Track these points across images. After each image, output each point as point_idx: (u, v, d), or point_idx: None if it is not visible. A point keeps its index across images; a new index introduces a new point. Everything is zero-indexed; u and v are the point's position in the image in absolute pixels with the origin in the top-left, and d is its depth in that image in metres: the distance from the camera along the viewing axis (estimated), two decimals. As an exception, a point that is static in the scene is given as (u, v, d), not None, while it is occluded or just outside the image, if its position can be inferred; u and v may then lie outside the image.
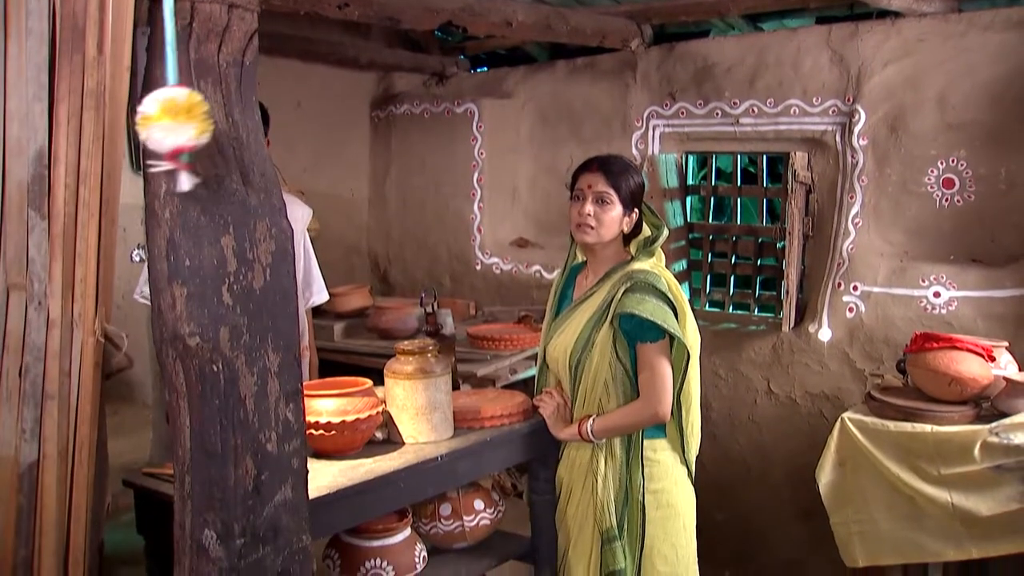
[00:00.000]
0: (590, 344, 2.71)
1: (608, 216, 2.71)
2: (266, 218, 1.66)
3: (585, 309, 2.77)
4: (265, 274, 1.65)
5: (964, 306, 3.80)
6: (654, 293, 2.65)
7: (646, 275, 2.69)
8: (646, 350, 2.66)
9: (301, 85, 5.34)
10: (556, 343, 2.83)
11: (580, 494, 2.79)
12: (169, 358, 1.58)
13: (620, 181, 2.72)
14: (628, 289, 2.64)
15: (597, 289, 2.77)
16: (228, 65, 1.64)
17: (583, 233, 2.73)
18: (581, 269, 2.94)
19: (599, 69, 5.05)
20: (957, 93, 3.85)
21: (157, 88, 1.59)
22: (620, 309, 2.63)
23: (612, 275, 2.75)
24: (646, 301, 2.62)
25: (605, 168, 2.74)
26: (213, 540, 1.54)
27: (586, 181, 2.74)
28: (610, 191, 2.71)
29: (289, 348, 1.70)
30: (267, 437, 1.59)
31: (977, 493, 3.02)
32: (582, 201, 2.73)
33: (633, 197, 2.76)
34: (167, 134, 1.42)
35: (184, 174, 1.47)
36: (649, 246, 2.79)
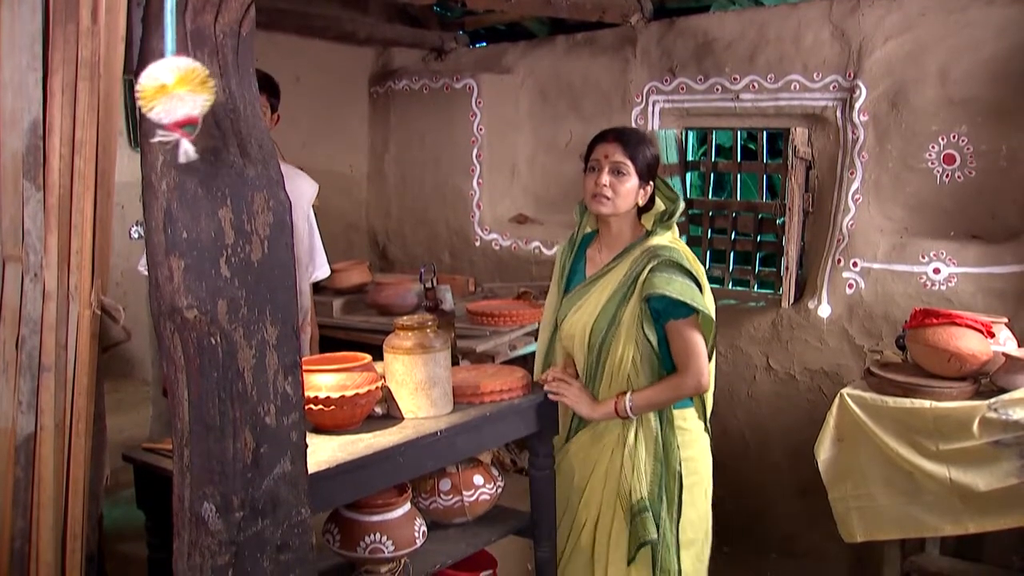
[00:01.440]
0: (616, 322, 2.70)
1: (624, 187, 2.69)
2: (264, 190, 1.64)
3: (604, 285, 2.75)
4: (263, 246, 1.64)
5: (964, 282, 3.79)
6: (680, 271, 2.64)
7: (669, 252, 2.67)
8: (679, 326, 2.66)
9: (299, 60, 5.30)
10: (572, 320, 2.80)
11: (607, 467, 2.79)
12: (167, 331, 1.57)
13: (637, 152, 2.70)
14: (654, 268, 2.63)
15: (615, 265, 2.75)
16: (224, 36, 1.62)
17: (599, 203, 2.70)
18: (591, 242, 2.90)
19: (599, 44, 5.02)
20: (959, 68, 3.82)
21: (153, 59, 1.57)
22: (650, 289, 2.62)
23: (631, 251, 2.74)
24: (674, 280, 2.62)
25: (622, 139, 2.71)
26: (212, 513, 1.53)
27: (602, 151, 2.71)
28: (627, 161, 2.68)
29: (287, 321, 1.69)
30: (266, 410, 1.58)
31: (975, 468, 3.03)
32: (598, 171, 2.70)
33: (649, 169, 2.73)
34: (170, 105, 1.40)
35: (187, 145, 1.45)
36: (666, 220, 2.76)
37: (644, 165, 2.71)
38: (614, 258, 2.76)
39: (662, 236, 2.74)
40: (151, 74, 1.41)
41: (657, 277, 2.62)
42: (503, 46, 5.52)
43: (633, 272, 2.68)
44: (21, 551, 1.89)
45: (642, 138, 2.76)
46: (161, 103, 1.40)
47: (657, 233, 2.74)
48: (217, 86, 1.58)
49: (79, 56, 1.80)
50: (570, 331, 2.81)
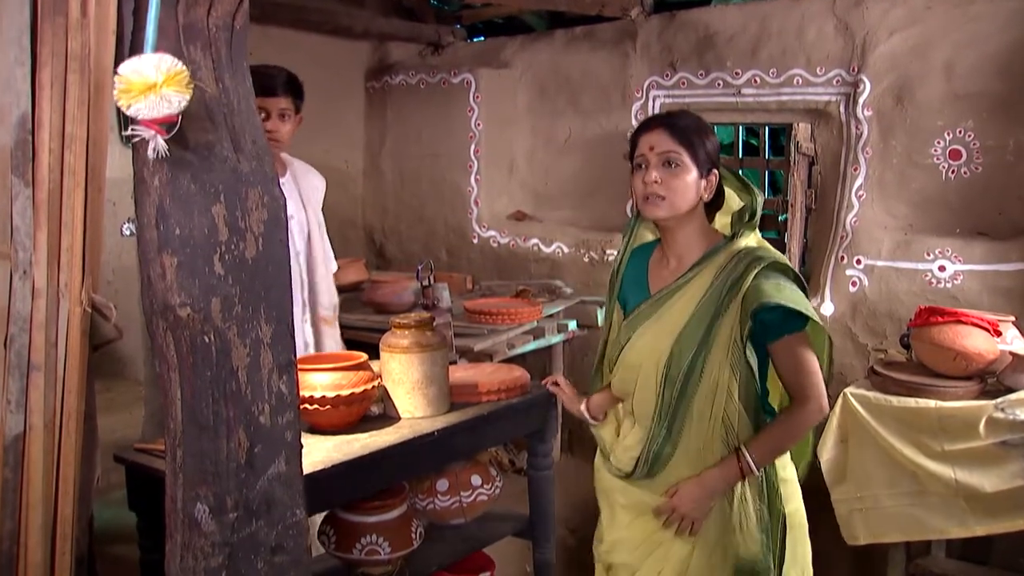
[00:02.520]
0: (708, 344, 2.20)
1: (681, 181, 2.21)
2: (258, 186, 1.64)
3: (681, 303, 2.26)
4: (258, 243, 1.63)
5: (970, 280, 3.78)
6: (789, 275, 2.21)
7: (771, 253, 2.23)
8: (792, 343, 2.20)
9: (293, 55, 5.26)
10: (638, 347, 2.32)
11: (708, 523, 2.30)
12: (159, 329, 1.56)
13: (691, 137, 2.23)
14: (760, 273, 2.16)
15: (693, 276, 2.26)
16: (218, 29, 1.61)
17: (652, 207, 2.22)
18: (650, 252, 2.43)
19: (598, 38, 5.02)
20: (965, 62, 3.82)
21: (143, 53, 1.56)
22: (760, 299, 2.12)
23: (713, 258, 2.26)
24: (784, 287, 2.16)
25: (670, 124, 2.25)
26: (205, 514, 1.52)
27: (647, 143, 2.24)
28: (679, 149, 2.21)
29: (282, 319, 1.68)
30: (260, 409, 1.57)
31: (981, 469, 3.01)
32: (646, 168, 2.23)
33: (709, 157, 2.26)
34: (151, 103, 1.40)
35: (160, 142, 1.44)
36: (750, 219, 2.29)
37: (703, 152, 2.24)
38: (692, 266, 2.27)
39: (748, 238, 2.28)
40: (135, 68, 1.40)
41: (767, 284, 2.14)
42: (501, 40, 5.52)
43: (727, 280, 2.20)
44: (10, 553, 1.88)
45: (695, 121, 2.30)
46: (143, 100, 1.39)
47: (743, 235, 2.27)
48: (210, 80, 1.57)
49: (68, 49, 1.80)
50: (634, 361, 2.33)
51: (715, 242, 2.29)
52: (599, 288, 4.74)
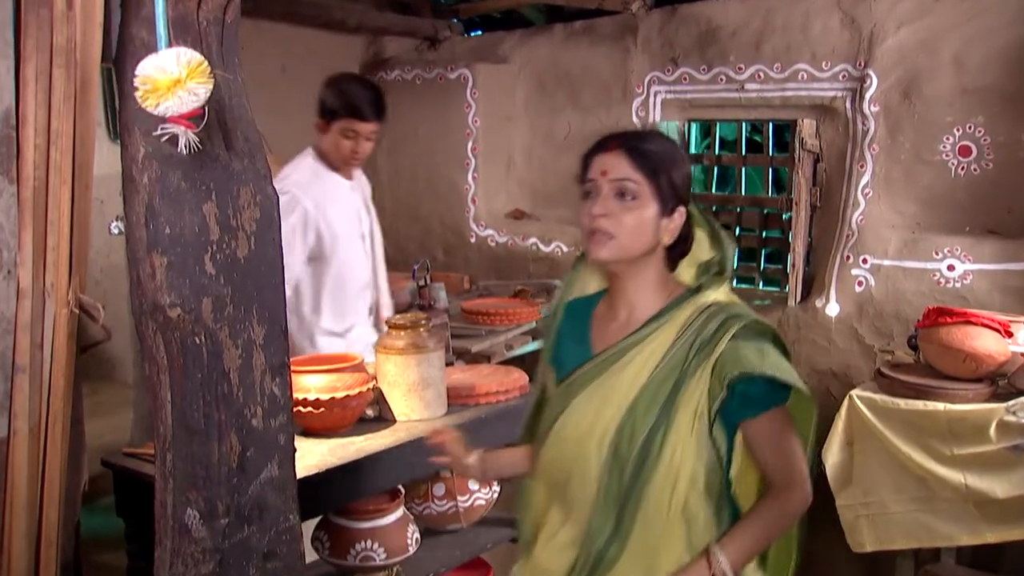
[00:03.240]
0: (667, 420, 1.81)
1: (635, 217, 1.84)
2: (250, 184, 1.63)
3: (634, 366, 1.87)
4: (250, 242, 1.63)
5: (980, 279, 3.78)
6: (770, 337, 1.86)
7: (748, 312, 1.88)
8: (775, 419, 1.84)
9: (286, 49, 5.29)
10: (577, 419, 1.89)
11: None
12: (149, 330, 1.56)
13: (655, 164, 1.86)
14: (739, 334, 1.81)
15: (651, 333, 1.88)
16: (208, 23, 1.61)
17: (597, 245, 1.85)
18: (594, 305, 2.03)
19: (598, 33, 5.01)
20: (975, 56, 3.81)
21: (132, 46, 1.56)
22: (741, 366, 1.77)
23: (675, 312, 1.89)
24: (768, 352, 1.81)
25: (630, 146, 1.86)
26: (196, 520, 1.52)
27: (600, 165, 1.86)
28: (638, 178, 1.84)
29: (275, 320, 1.68)
30: (252, 412, 1.57)
31: (992, 474, 3.01)
32: (595, 197, 1.86)
33: (676, 190, 1.88)
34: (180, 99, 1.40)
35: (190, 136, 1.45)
36: (719, 272, 1.93)
37: (667, 183, 1.86)
38: (649, 321, 1.89)
39: (717, 292, 1.92)
40: (157, 66, 1.40)
41: (747, 348, 1.79)
42: (499, 35, 5.51)
43: (694, 340, 1.84)
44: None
45: (665, 145, 1.93)
46: (172, 97, 1.39)
47: (710, 288, 1.92)
48: (201, 75, 1.57)
49: (53, 43, 1.79)
50: (571, 437, 1.90)
51: (676, 292, 1.93)
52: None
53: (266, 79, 4.98)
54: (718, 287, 1.92)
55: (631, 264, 1.89)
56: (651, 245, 1.88)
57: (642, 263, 1.90)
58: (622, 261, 1.88)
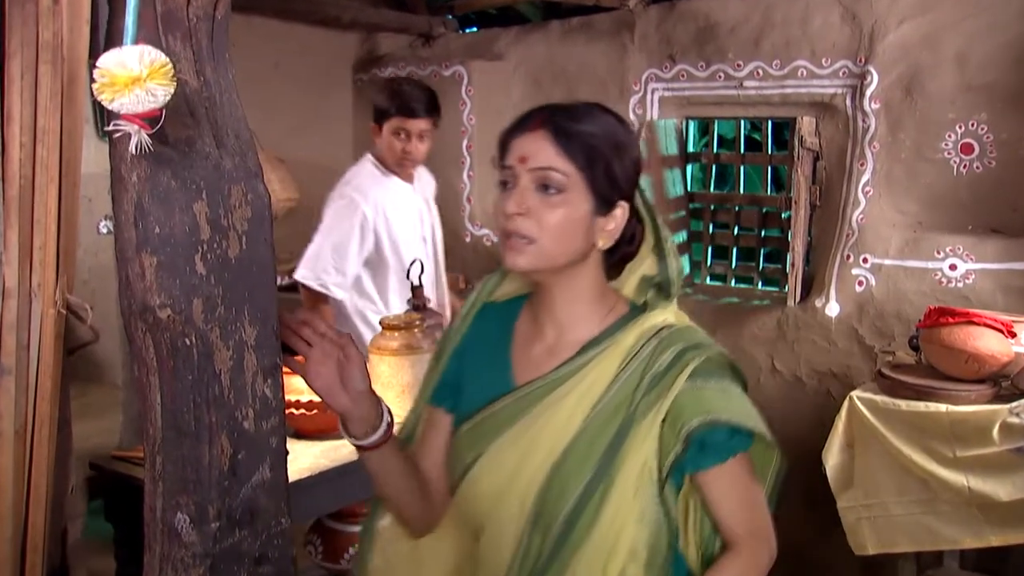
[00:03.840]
0: (608, 476, 1.51)
1: (561, 216, 1.51)
2: (242, 183, 1.63)
3: (568, 405, 1.55)
4: (241, 242, 1.62)
5: (982, 279, 3.78)
6: (731, 372, 1.62)
7: (700, 337, 1.62)
8: (737, 468, 1.56)
9: (279, 45, 5.28)
10: (493, 471, 1.58)
11: None
12: (138, 331, 1.55)
13: (590, 147, 1.52)
14: (698, 372, 1.53)
15: (587, 363, 1.57)
16: (198, 19, 1.60)
17: (512, 251, 1.53)
18: (516, 314, 1.70)
19: (595, 29, 5.00)
20: (978, 52, 3.81)
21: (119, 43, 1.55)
22: (705, 412, 1.50)
23: (618, 336, 1.59)
24: (732, 393, 1.57)
25: (557, 125, 1.53)
26: (186, 524, 1.51)
27: (519, 150, 1.54)
28: (566, 167, 1.51)
29: (267, 321, 1.67)
30: (244, 414, 1.56)
31: (996, 477, 3.00)
32: (512, 189, 1.54)
33: (616, 180, 1.55)
34: (135, 97, 1.39)
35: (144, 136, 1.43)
36: (667, 290, 1.63)
37: (604, 173, 1.53)
38: (586, 347, 1.58)
39: (665, 311, 1.63)
40: (118, 61, 1.39)
41: (709, 389, 1.53)
42: (494, 31, 5.51)
43: (642, 374, 1.54)
44: (-20, 566, 1.87)
45: (603, 123, 1.57)
46: (128, 94, 1.38)
47: (658, 306, 1.62)
48: (190, 72, 1.56)
49: (39, 39, 1.78)
50: (486, 492, 1.59)
51: (618, 312, 1.62)
52: (596, 288, 4.74)
53: (259, 76, 4.98)
54: (665, 305, 1.62)
55: (558, 274, 1.57)
56: (583, 250, 1.55)
57: (573, 272, 1.57)
58: (546, 270, 1.55)
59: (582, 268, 1.58)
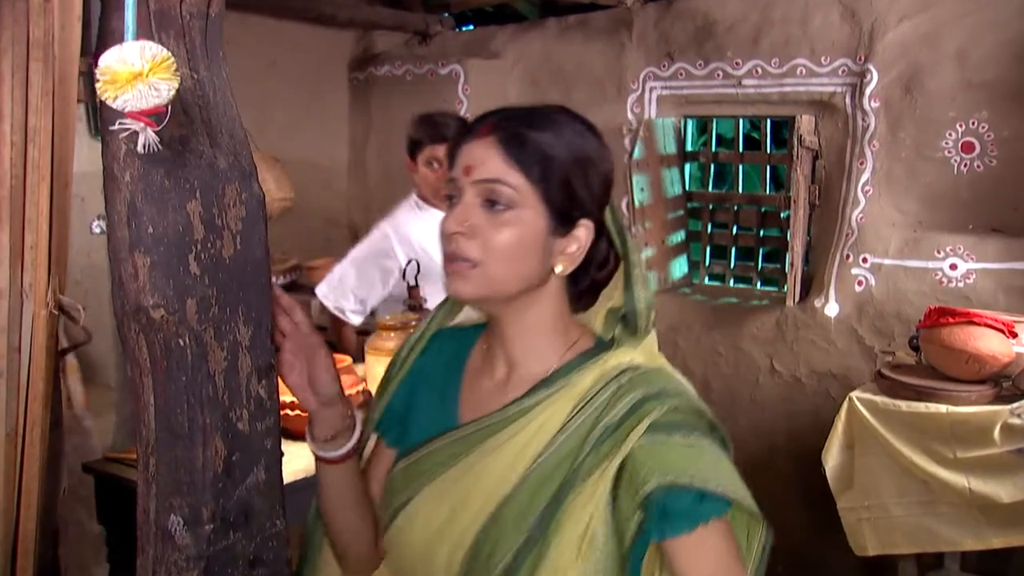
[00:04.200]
0: (545, 538, 1.31)
1: (510, 236, 1.33)
2: (236, 182, 1.62)
3: (510, 451, 1.37)
4: (235, 242, 1.61)
5: (983, 279, 3.78)
6: (703, 425, 1.35)
7: (668, 382, 1.38)
8: (708, 537, 1.29)
9: (274, 44, 5.28)
10: (422, 521, 1.42)
11: None
12: (131, 332, 1.54)
13: (543, 158, 1.33)
14: (660, 424, 1.29)
15: (538, 404, 1.37)
16: (192, 17, 1.59)
17: (455, 277, 1.35)
18: (472, 343, 1.55)
19: (592, 27, 5.00)
20: (980, 49, 3.81)
21: (113, 40, 1.54)
22: (660, 478, 1.26)
23: (575, 376, 1.38)
24: (702, 449, 1.30)
25: (507, 131, 1.35)
26: (180, 526, 1.51)
27: (466, 159, 1.36)
28: (515, 178, 1.32)
29: (261, 321, 1.67)
30: (238, 415, 1.55)
31: (997, 478, 3.01)
32: (456, 203, 1.36)
33: (573, 197, 1.36)
34: (136, 94, 1.38)
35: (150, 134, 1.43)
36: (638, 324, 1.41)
37: (560, 186, 1.34)
38: (537, 386, 1.39)
39: (633, 349, 1.41)
40: (118, 58, 1.39)
41: (670, 445, 1.29)
42: (491, 29, 5.51)
43: (594, 422, 1.33)
44: (-29, 570, 1.87)
45: (559, 127, 1.37)
46: (130, 90, 1.38)
47: (625, 344, 1.41)
48: (184, 71, 1.56)
49: (30, 36, 1.78)
50: (413, 542, 1.43)
51: (580, 348, 1.43)
52: (594, 288, 4.74)
53: (254, 74, 4.98)
54: (635, 342, 1.41)
55: (510, 303, 1.38)
56: (538, 276, 1.37)
57: (528, 301, 1.39)
58: (494, 299, 1.37)
59: (538, 296, 1.39)
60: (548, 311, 1.42)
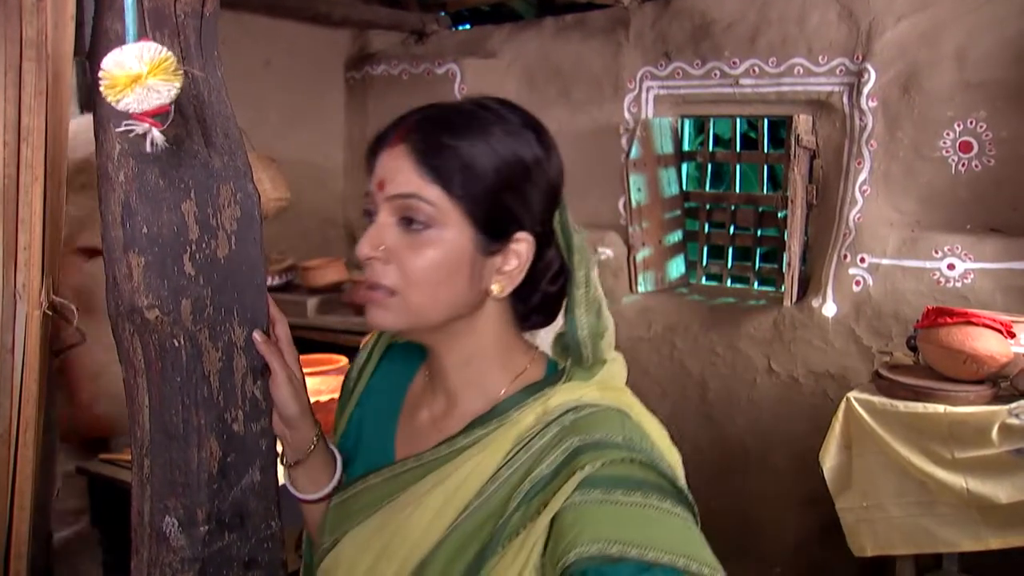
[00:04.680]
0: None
1: (431, 258, 1.17)
2: (231, 182, 1.62)
3: (430, 501, 1.20)
4: (230, 242, 1.61)
5: (981, 279, 3.78)
6: (654, 483, 1.08)
7: (613, 424, 1.14)
8: None
9: (269, 43, 5.27)
10: (350, 568, 1.28)
11: None
12: (126, 332, 1.54)
13: (464, 164, 1.15)
14: (593, 480, 1.06)
15: (471, 445, 1.21)
16: (186, 16, 1.59)
17: (372, 308, 1.22)
18: (419, 364, 1.40)
19: (589, 27, 5.01)
20: (978, 48, 3.81)
21: (107, 39, 1.54)
22: (583, 546, 1.00)
23: (510, 417, 1.21)
24: (647, 515, 1.04)
25: (421, 137, 1.19)
26: (174, 528, 1.50)
27: (379, 171, 1.23)
28: (431, 191, 1.16)
29: (256, 322, 1.66)
30: (233, 416, 1.55)
31: (995, 479, 3.01)
32: (370, 222, 1.24)
33: (505, 209, 1.18)
34: (145, 94, 1.38)
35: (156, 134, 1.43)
36: (574, 350, 1.23)
37: (487, 200, 1.17)
38: (471, 425, 1.23)
39: (586, 383, 1.22)
40: (117, 61, 1.39)
41: (603, 508, 1.04)
42: (487, 28, 5.51)
43: (522, 477, 1.13)
44: (-37, 574, 1.86)
45: (483, 129, 1.18)
46: (131, 92, 1.38)
47: (575, 377, 1.23)
48: (178, 70, 1.56)
49: (23, 35, 1.77)
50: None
51: (528, 378, 1.25)
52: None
53: (249, 74, 4.98)
54: (587, 375, 1.22)
55: (440, 331, 1.22)
56: (470, 300, 1.20)
57: (462, 328, 1.23)
58: (420, 329, 1.22)
59: (474, 322, 1.22)
60: (488, 338, 1.24)
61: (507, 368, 1.25)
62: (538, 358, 1.28)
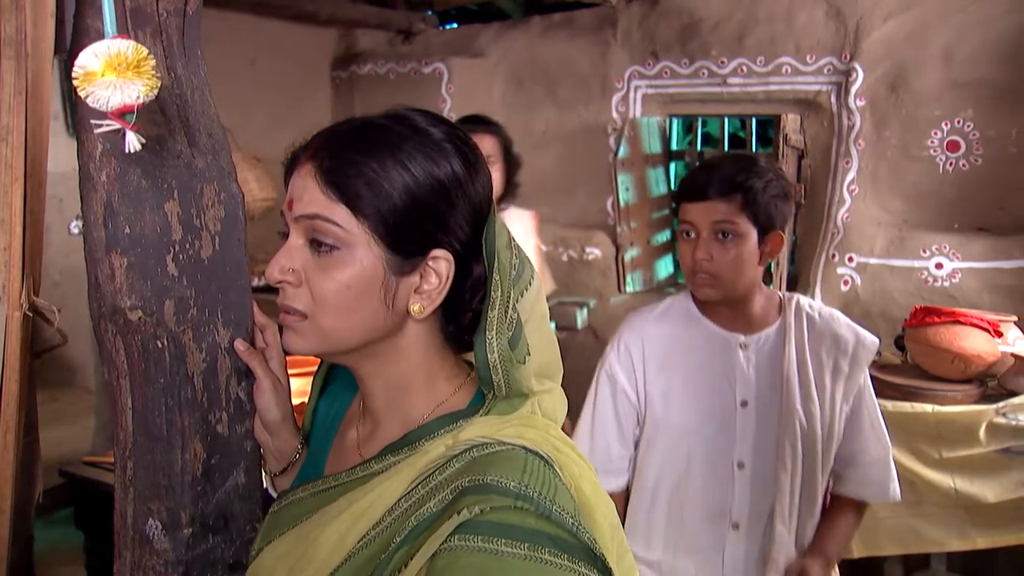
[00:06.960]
0: None
1: (340, 282, 1.12)
2: (214, 182, 1.61)
3: (335, 526, 1.13)
4: (214, 242, 1.60)
5: (969, 278, 3.80)
6: (550, 534, 0.97)
7: (516, 471, 1.01)
8: None
9: (255, 42, 5.26)
10: (266, 569, 1.26)
11: None
12: (108, 334, 1.53)
13: (370, 182, 1.09)
14: (471, 526, 0.96)
15: (381, 472, 1.14)
16: (168, 14, 1.58)
17: (287, 332, 1.21)
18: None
19: (577, 26, 5.01)
20: (965, 48, 3.83)
21: (87, 37, 1.54)
22: None
23: (421, 447, 1.13)
24: (528, 568, 0.94)
25: (326, 155, 1.13)
26: (158, 530, 1.50)
27: (289, 191, 1.19)
28: (337, 211, 1.10)
29: (240, 322, 1.66)
30: (217, 418, 1.54)
31: (982, 478, 3.02)
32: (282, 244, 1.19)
33: (418, 228, 1.11)
34: (111, 91, 1.37)
35: (131, 135, 1.42)
36: (483, 376, 1.13)
37: (397, 219, 1.09)
38: (385, 451, 1.16)
39: (501, 417, 1.13)
40: (90, 56, 1.38)
41: (477, 557, 0.94)
42: (475, 27, 5.51)
43: (408, 518, 1.05)
44: (-57, 579, 1.85)
45: (394, 144, 1.11)
46: (100, 89, 1.37)
47: (495, 408, 1.13)
48: (161, 69, 1.55)
49: (2, 34, 1.76)
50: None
51: (450, 405, 1.18)
52: (578, 288, 4.73)
53: (234, 73, 4.96)
54: (512, 409, 1.14)
55: (359, 356, 1.19)
56: (384, 323, 1.14)
57: (383, 352, 1.18)
58: (334, 354, 1.19)
59: (395, 345, 1.17)
60: (412, 361, 1.18)
61: (430, 393, 1.19)
62: (467, 386, 1.20)
